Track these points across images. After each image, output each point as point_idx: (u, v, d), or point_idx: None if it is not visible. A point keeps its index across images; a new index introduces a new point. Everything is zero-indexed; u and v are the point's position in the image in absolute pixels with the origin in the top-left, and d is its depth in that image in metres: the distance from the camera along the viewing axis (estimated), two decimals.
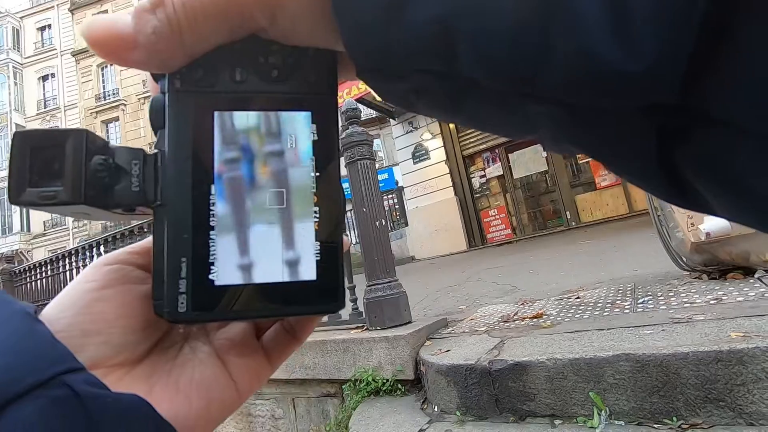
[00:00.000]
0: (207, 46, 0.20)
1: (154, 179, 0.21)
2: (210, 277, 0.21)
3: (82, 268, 4.72)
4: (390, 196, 11.13)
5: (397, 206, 11.22)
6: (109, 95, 21.83)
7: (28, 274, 5.74)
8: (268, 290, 0.22)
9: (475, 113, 0.19)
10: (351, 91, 8.01)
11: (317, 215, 0.22)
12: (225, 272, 0.21)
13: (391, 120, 10.61)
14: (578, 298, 2.43)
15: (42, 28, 24.08)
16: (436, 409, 1.85)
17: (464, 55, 0.16)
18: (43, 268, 5.50)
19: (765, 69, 0.11)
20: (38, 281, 5.57)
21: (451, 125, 9.98)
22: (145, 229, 4.10)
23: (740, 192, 0.14)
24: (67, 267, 5.18)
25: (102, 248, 4.72)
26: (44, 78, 23.62)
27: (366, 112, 12.06)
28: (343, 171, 2.42)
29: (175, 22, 0.19)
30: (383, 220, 2.47)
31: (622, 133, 0.15)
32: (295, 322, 0.27)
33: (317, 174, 0.22)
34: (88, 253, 4.87)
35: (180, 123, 0.21)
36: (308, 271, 0.22)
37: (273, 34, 0.20)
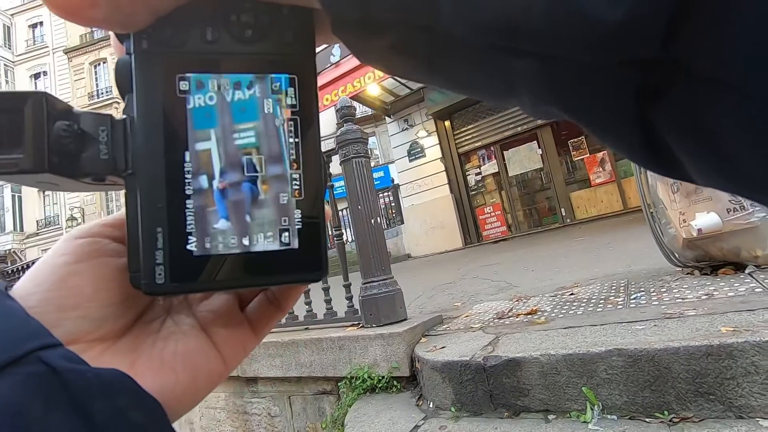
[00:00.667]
0: (173, 1, 0.19)
1: (123, 146, 0.20)
2: (188, 247, 0.20)
3: None
4: (386, 193, 11.15)
5: (392, 204, 11.23)
6: (102, 93, 21.62)
7: (21, 274, 5.68)
8: (249, 260, 0.21)
9: (454, 73, 0.18)
10: (346, 89, 7.98)
11: (297, 183, 0.21)
12: (203, 242, 0.20)
13: (386, 118, 10.59)
14: (572, 294, 2.45)
15: (33, 26, 23.81)
16: (431, 405, 1.86)
17: (445, 5, 0.15)
18: None
19: (761, 25, 0.10)
20: None
21: (447, 123, 9.98)
22: None
23: (716, 151, 0.13)
24: None
25: None
26: (36, 76, 23.35)
27: (361, 110, 12.05)
28: (338, 169, 2.42)
29: None
30: (378, 218, 2.47)
31: (602, 89, 0.14)
32: (278, 291, 0.27)
33: (296, 140, 0.21)
34: None
35: (149, 86, 0.20)
36: (290, 240, 0.21)
37: None
